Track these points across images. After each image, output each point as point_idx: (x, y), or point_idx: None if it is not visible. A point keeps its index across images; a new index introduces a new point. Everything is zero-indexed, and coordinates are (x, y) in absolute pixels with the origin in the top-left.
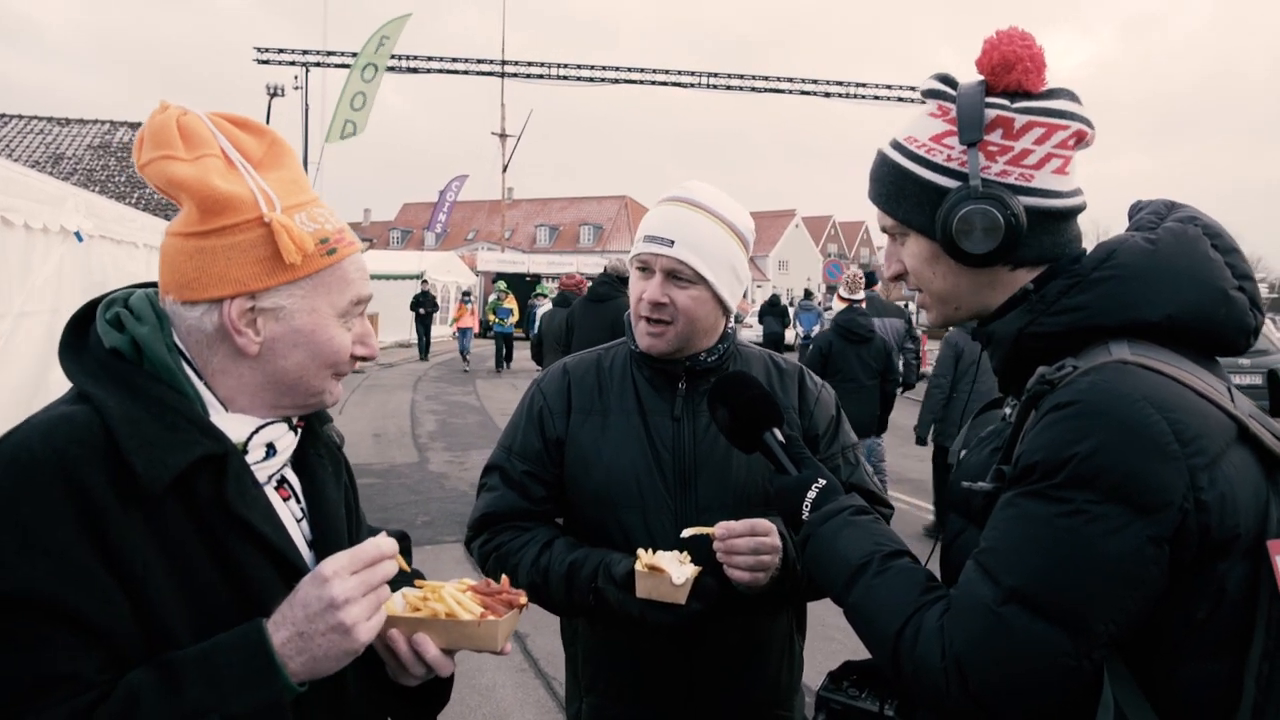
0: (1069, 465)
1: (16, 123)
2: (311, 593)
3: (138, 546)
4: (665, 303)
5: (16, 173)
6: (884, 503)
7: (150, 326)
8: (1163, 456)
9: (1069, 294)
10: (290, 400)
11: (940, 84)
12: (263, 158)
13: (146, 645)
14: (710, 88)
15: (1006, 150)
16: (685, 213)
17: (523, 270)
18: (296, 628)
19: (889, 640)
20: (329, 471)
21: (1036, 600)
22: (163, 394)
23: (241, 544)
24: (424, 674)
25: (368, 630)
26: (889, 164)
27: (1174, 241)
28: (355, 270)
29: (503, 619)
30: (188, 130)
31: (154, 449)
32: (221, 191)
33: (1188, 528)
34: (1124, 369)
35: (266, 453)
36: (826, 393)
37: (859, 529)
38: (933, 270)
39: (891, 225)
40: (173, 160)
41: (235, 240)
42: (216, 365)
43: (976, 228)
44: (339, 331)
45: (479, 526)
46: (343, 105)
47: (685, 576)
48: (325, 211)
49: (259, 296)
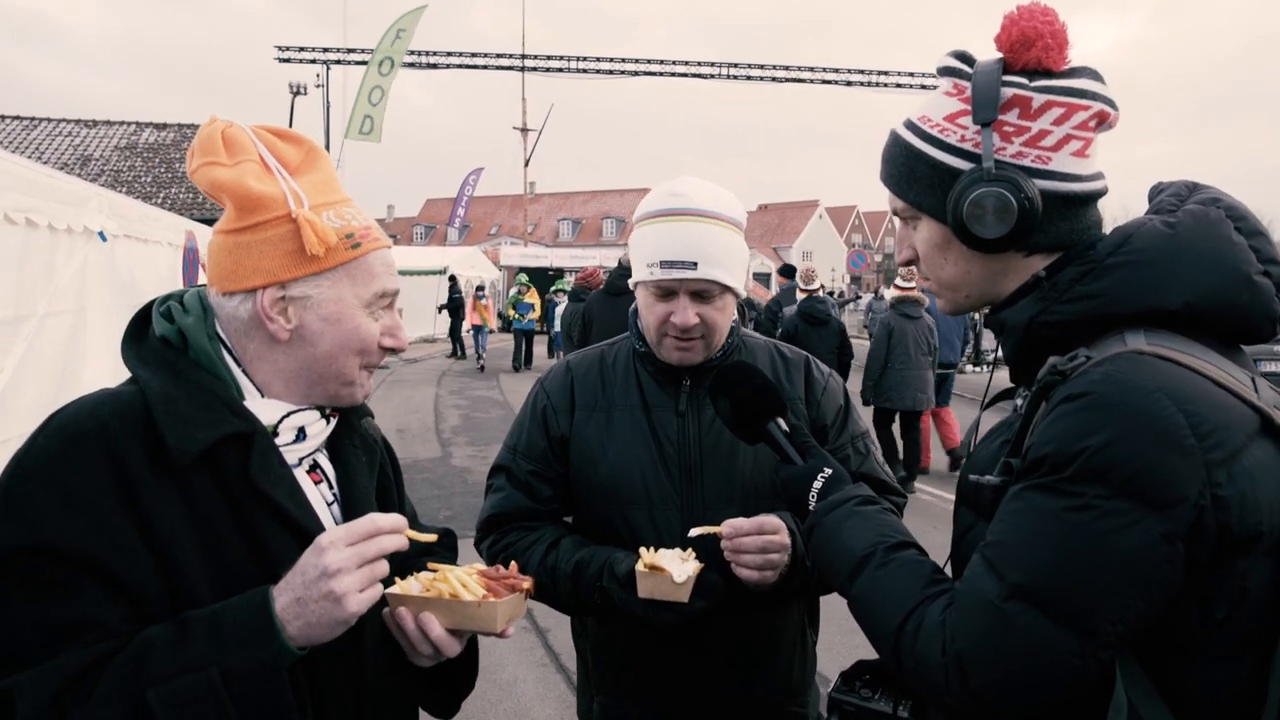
0: (1080, 458)
1: (46, 125)
2: (310, 560)
3: (167, 514)
4: (697, 323)
5: (41, 174)
6: (896, 492)
7: (195, 318)
8: (1178, 450)
9: (1082, 281)
10: (322, 390)
11: (956, 61)
12: (300, 164)
13: (171, 604)
14: (730, 78)
15: (1023, 131)
16: (697, 227)
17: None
18: (295, 593)
19: (891, 634)
20: (363, 461)
21: (1042, 597)
22: (200, 378)
23: (264, 517)
24: (431, 653)
25: (358, 601)
26: (901, 144)
27: (1194, 225)
28: (380, 264)
29: (502, 601)
30: (230, 140)
31: (186, 425)
32: (255, 191)
33: (1204, 525)
34: (1139, 359)
35: (296, 436)
36: (834, 381)
37: (864, 519)
38: (944, 256)
39: (903, 208)
40: (215, 166)
41: (267, 235)
42: (254, 352)
43: (988, 211)
44: (365, 320)
45: (487, 528)
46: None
47: (686, 575)
48: (354, 210)
49: (288, 286)
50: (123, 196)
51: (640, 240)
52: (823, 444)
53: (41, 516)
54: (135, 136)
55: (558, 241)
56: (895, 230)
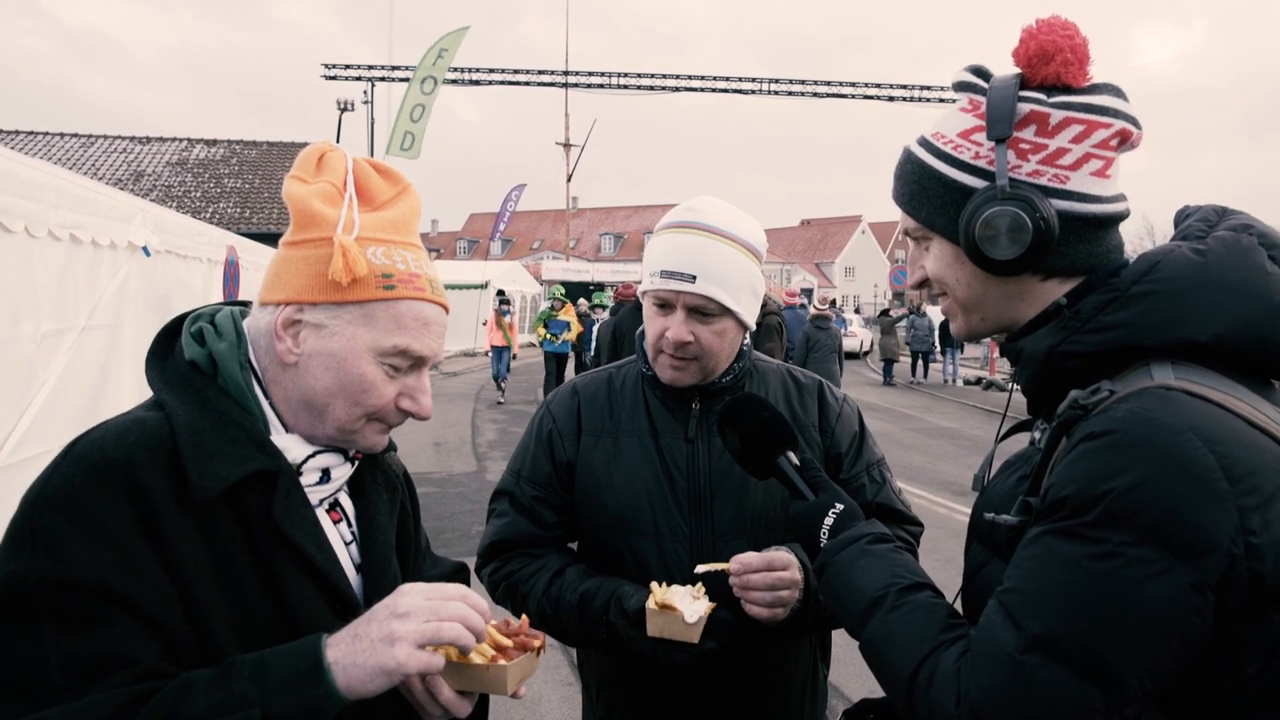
0: (1103, 502)
1: (102, 142)
2: (385, 600)
3: (189, 550)
4: (690, 341)
5: (90, 190)
6: (912, 521)
7: (228, 344)
8: (1209, 495)
9: (1106, 310)
10: (323, 430)
11: (972, 76)
12: (386, 200)
13: (195, 644)
14: (772, 93)
15: (1040, 149)
16: (702, 241)
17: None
18: (355, 629)
19: (903, 681)
20: (384, 499)
21: (1063, 649)
22: (229, 409)
23: (285, 560)
24: (440, 715)
25: (410, 653)
26: (913, 161)
27: (1225, 252)
28: (411, 317)
29: (513, 664)
30: (325, 161)
31: (211, 460)
32: (313, 210)
33: (1237, 574)
34: (1167, 395)
35: (321, 477)
36: (849, 408)
37: (876, 559)
38: (956, 276)
39: (914, 228)
40: (296, 180)
41: (306, 254)
42: (271, 374)
43: (1001, 232)
44: (372, 370)
45: (489, 554)
46: (402, 117)
47: (698, 615)
48: (410, 254)
49: (306, 310)
50: (168, 211)
51: (649, 250)
52: (837, 472)
53: (68, 549)
54: (186, 153)
55: (599, 256)
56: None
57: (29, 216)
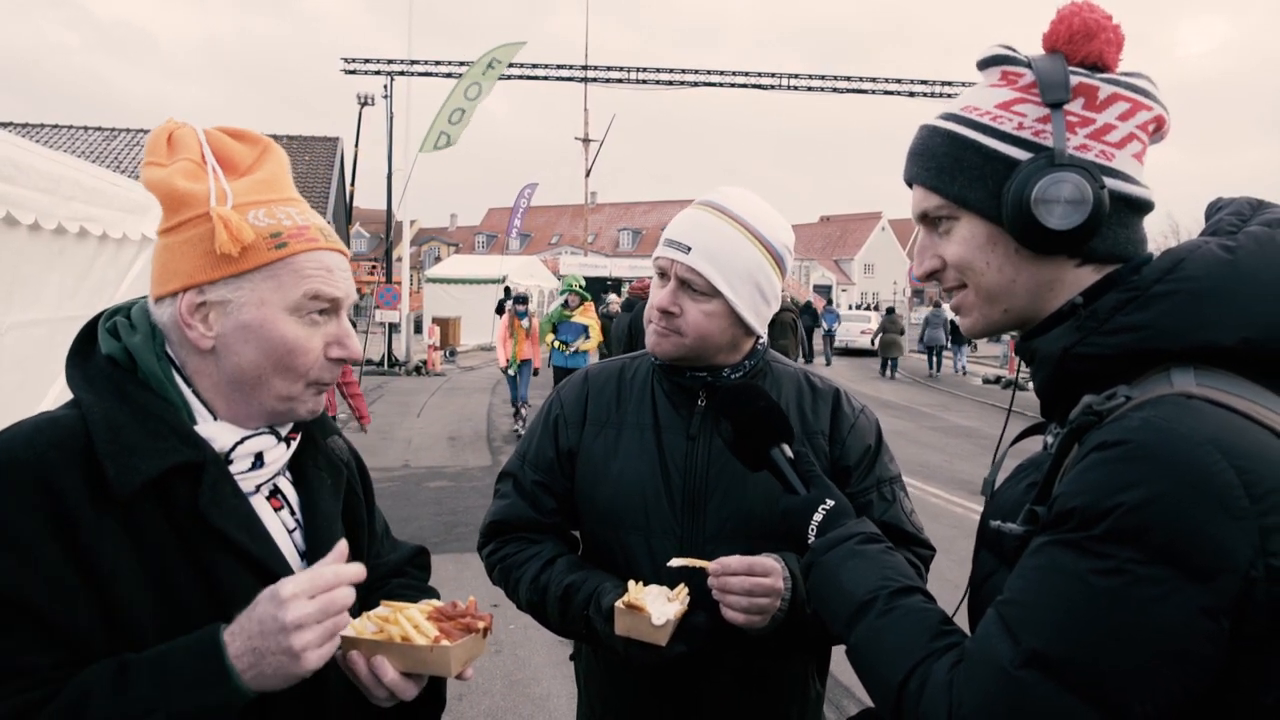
0: (1112, 515)
1: (125, 136)
2: (269, 611)
3: (110, 550)
4: (675, 312)
5: (106, 182)
6: (923, 544)
7: (143, 335)
8: (1227, 513)
9: (1125, 310)
10: (259, 406)
11: (1006, 50)
12: (251, 163)
13: (112, 646)
14: (791, 89)
15: (1088, 122)
16: (709, 218)
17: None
18: (251, 642)
19: (892, 690)
20: (327, 484)
21: (1061, 668)
22: (149, 401)
23: (217, 552)
24: (386, 697)
25: (317, 657)
26: (941, 134)
27: (1257, 250)
28: (313, 266)
29: (456, 645)
30: (175, 140)
31: (131, 455)
32: (180, 190)
33: (1255, 599)
34: (1187, 404)
35: (254, 463)
36: (865, 419)
37: (865, 560)
38: (987, 259)
39: (936, 207)
40: (152, 165)
41: (187, 235)
42: (192, 366)
43: (1060, 200)
44: (293, 328)
45: (488, 534)
46: (440, 118)
47: (666, 617)
48: (293, 209)
49: (206, 290)
50: None
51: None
52: (844, 486)
53: None
54: None
55: (617, 251)
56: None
57: (40, 208)
